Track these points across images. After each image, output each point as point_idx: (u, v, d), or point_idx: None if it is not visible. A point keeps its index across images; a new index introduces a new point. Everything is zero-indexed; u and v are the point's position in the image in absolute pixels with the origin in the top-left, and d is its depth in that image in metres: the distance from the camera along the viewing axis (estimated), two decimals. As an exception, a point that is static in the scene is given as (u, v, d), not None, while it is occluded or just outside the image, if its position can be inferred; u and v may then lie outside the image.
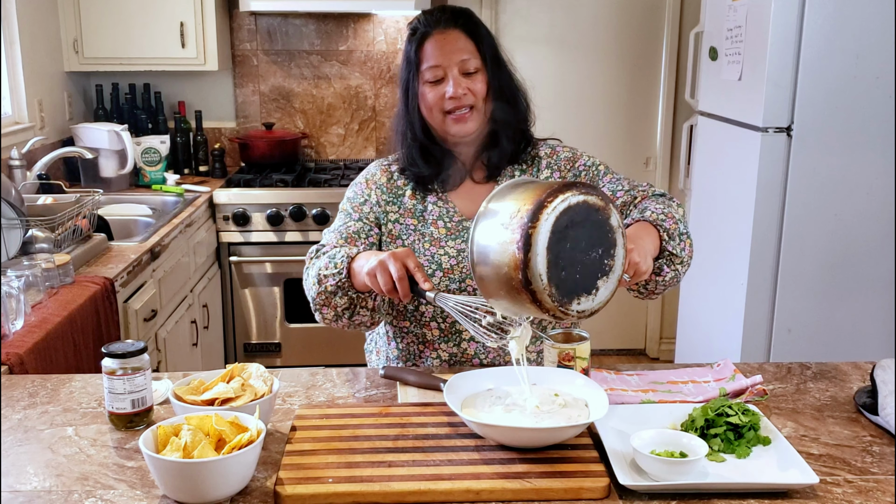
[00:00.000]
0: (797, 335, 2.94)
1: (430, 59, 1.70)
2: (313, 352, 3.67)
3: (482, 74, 1.71)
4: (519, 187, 1.30)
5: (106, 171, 3.48)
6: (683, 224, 1.65)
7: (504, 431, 1.28)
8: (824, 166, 2.82)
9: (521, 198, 1.25)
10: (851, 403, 1.52)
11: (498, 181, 1.78)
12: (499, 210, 1.28)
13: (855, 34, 2.73)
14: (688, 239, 1.64)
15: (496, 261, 1.25)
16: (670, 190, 4.16)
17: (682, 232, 1.63)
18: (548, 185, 1.26)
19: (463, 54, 1.69)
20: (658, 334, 4.37)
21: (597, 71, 4.08)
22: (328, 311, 1.62)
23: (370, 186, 1.81)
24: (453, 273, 1.71)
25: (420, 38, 1.71)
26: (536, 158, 1.81)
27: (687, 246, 1.63)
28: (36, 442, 1.37)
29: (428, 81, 1.71)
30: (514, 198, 1.27)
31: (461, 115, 1.70)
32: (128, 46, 3.59)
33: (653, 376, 1.63)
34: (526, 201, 1.24)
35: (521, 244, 1.21)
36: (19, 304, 1.87)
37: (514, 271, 1.22)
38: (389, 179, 1.81)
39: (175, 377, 1.60)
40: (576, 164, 1.81)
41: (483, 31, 1.74)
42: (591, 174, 1.79)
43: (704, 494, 1.20)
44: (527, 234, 1.20)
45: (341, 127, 4.12)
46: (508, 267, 1.22)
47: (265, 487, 1.23)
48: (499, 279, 1.25)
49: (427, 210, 1.77)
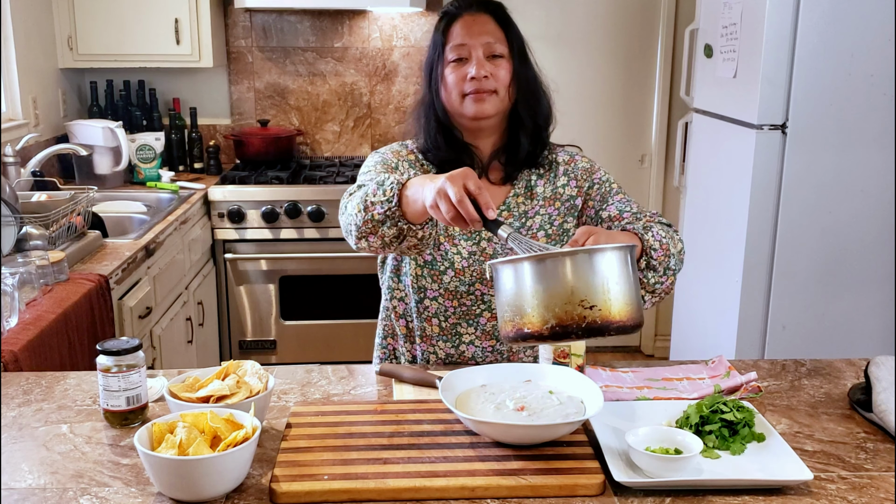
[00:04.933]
0: (792, 332, 2.94)
1: (455, 39, 1.69)
2: (309, 349, 3.67)
3: (507, 62, 1.70)
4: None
5: (100, 168, 3.47)
6: (676, 259, 1.59)
7: (499, 428, 1.28)
8: (819, 164, 2.82)
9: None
10: (846, 400, 1.52)
11: (514, 185, 1.75)
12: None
13: (849, 32, 2.73)
14: (672, 276, 1.58)
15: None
16: (665, 187, 4.17)
17: (670, 267, 1.57)
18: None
19: (490, 37, 1.68)
20: (653, 331, 4.37)
21: (592, 68, 4.08)
22: (374, 240, 1.48)
23: (398, 157, 1.77)
24: (464, 275, 1.70)
25: (449, 19, 1.71)
26: (554, 164, 1.79)
27: (667, 282, 1.58)
28: (30, 439, 1.37)
29: (451, 62, 1.69)
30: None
31: (480, 95, 1.67)
32: (122, 43, 3.58)
33: (648, 373, 1.63)
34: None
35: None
36: (13, 302, 1.87)
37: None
38: (417, 159, 1.78)
39: (170, 374, 1.60)
40: (592, 176, 1.78)
41: (513, 24, 1.74)
42: (602, 190, 1.76)
43: (699, 491, 1.20)
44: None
45: (336, 124, 4.11)
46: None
47: (260, 484, 1.23)
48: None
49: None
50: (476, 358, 1.75)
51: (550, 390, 1.39)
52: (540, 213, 1.74)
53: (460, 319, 1.73)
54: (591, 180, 1.77)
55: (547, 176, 1.77)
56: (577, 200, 1.75)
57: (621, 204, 1.73)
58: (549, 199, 1.75)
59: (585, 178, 1.77)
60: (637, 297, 1.24)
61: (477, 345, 1.74)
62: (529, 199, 1.75)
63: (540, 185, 1.76)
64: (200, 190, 3.48)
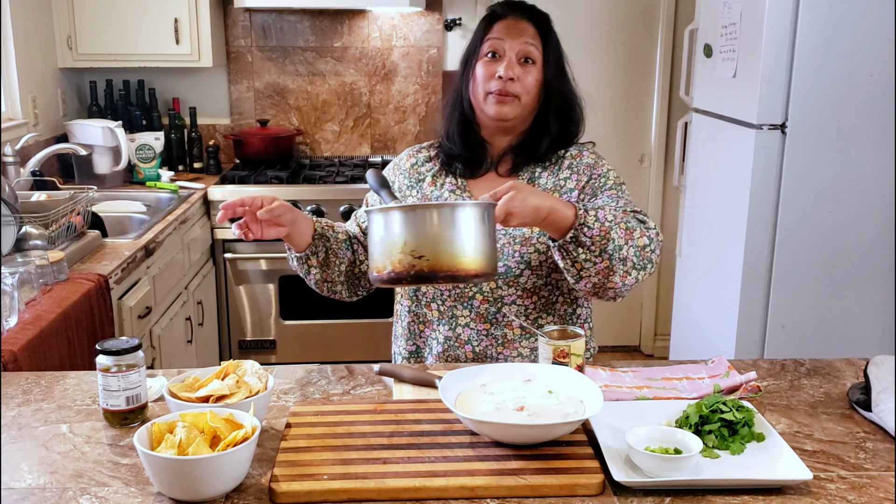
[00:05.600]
0: (791, 332, 2.94)
1: (494, 35, 1.75)
2: (308, 349, 3.67)
3: (537, 70, 1.75)
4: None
5: (100, 167, 3.47)
6: (629, 249, 1.55)
7: (499, 428, 1.28)
8: (818, 163, 2.82)
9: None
10: (845, 400, 1.52)
11: (519, 175, 1.79)
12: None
13: (849, 32, 2.73)
14: (611, 262, 1.53)
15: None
16: (664, 187, 4.17)
17: (607, 251, 1.52)
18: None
19: (527, 41, 1.73)
20: (653, 331, 4.38)
21: (591, 68, 4.08)
22: (320, 276, 1.72)
23: (395, 172, 1.89)
24: None
25: (492, 17, 1.78)
26: (560, 159, 1.81)
27: (601, 264, 1.53)
28: (30, 439, 1.37)
29: (484, 56, 1.75)
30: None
31: (502, 98, 1.73)
32: (122, 42, 3.58)
33: (647, 373, 1.63)
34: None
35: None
36: (13, 301, 1.87)
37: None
38: (413, 165, 1.87)
39: (170, 374, 1.60)
40: (593, 170, 1.78)
41: (553, 37, 1.80)
42: (597, 184, 1.76)
43: (699, 491, 1.20)
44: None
45: (336, 123, 4.11)
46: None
47: (260, 484, 1.23)
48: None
49: (443, 197, 1.80)
50: (471, 341, 1.76)
51: (550, 390, 1.39)
52: None
53: (456, 302, 1.76)
54: (591, 175, 1.78)
55: (551, 169, 1.80)
56: (573, 193, 1.76)
57: (608, 199, 1.72)
58: (549, 190, 1.77)
59: (587, 172, 1.78)
60: (477, 251, 1.34)
61: (472, 327, 1.76)
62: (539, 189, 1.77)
63: (544, 177, 1.79)
64: (200, 190, 3.48)
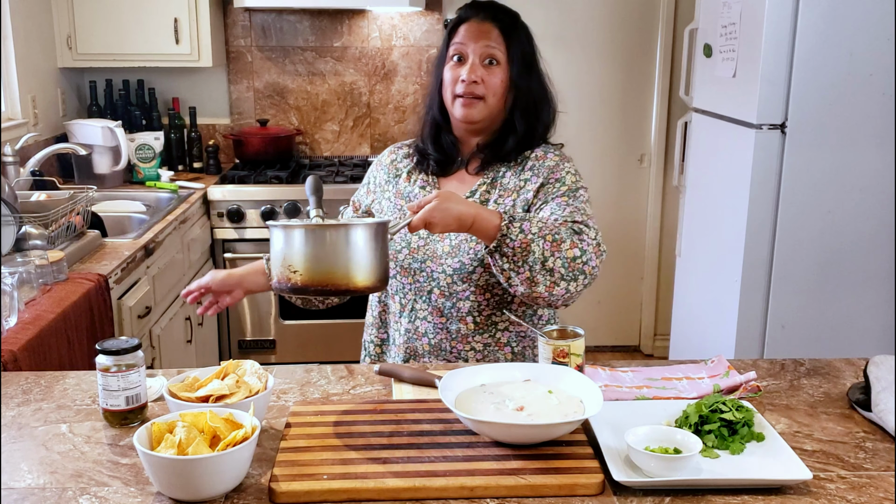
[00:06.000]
0: (791, 332, 2.94)
1: (457, 39, 1.79)
2: (308, 348, 3.67)
3: (502, 71, 1.77)
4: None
5: (100, 167, 3.47)
6: (554, 260, 1.57)
7: (498, 428, 1.28)
8: (818, 163, 2.82)
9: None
10: (845, 399, 1.52)
11: (485, 174, 1.81)
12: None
13: (849, 31, 2.73)
14: (560, 283, 1.58)
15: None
16: (664, 187, 4.17)
17: (528, 263, 1.57)
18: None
19: (490, 43, 1.76)
20: (652, 331, 4.38)
21: (591, 67, 4.08)
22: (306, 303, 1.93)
23: (377, 167, 1.95)
24: (418, 253, 1.79)
25: (457, 21, 1.81)
26: (525, 159, 1.82)
27: (522, 275, 1.58)
28: (30, 439, 1.37)
29: (450, 59, 1.79)
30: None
31: (469, 100, 1.76)
32: (121, 42, 3.58)
33: (647, 373, 1.63)
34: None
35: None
36: (13, 301, 1.87)
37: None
38: (393, 161, 1.92)
39: (169, 374, 1.60)
40: (552, 173, 1.77)
41: (521, 34, 1.82)
42: (551, 189, 1.76)
43: (698, 490, 1.20)
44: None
45: (336, 123, 4.11)
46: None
47: (260, 484, 1.23)
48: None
49: (414, 193, 1.84)
50: (428, 334, 1.79)
51: (550, 390, 1.39)
52: (496, 203, 1.78)
53: (416, 296, 1.80)
54: (548, 178, 1.77)
55: (515, 168, 1.81)
56: (530, 194, 1.77)
57: (556, 207, 1.72)
58: (510, 190, 1.79)
59: (546, 174, 1.78)
60: (349, 268, 1.42)
61: (430, 321, 1.79)
62: (493, 189, 1.80)
63: (508, 176, 1.80)
64: (200, 189, 3.48)
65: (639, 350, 4.42)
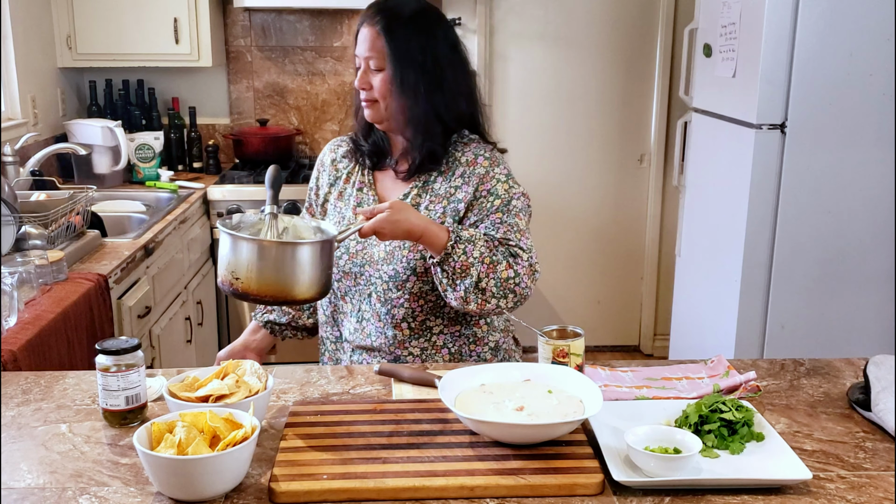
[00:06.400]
0: (791, 331, 2.94)
1: (356, 47, 1.82)
2: (308, 349, 3.65)
3: (385, 74, 1.76)
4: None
5: (99, 167, 3.47)
6: (489, 281, 1.64)
7: (498, 428, 1.28)
8: (818, 163, 2.82)
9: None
10: (844, 399, 1.52)
11: (417, 178, 1.81)
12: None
13: (848, 32, 2.73)
14: (491, 300, 1.65)
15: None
16: (664, 187, 4.17)
17: (465, 281, 1.63)
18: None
19: (370, 52, 1.77)
20: (652, 331, 4.38)
21: (591, 67, 4.08)
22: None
23: (319, 170, 1.97)
24: (356, 257, 1.81)
25: (357, 29, 1.82)
26: (456, 163, 1.79)
27: (459, 291, 1.64)
28: (30, 439, 1.37)
29: (357, 68, 1.83)
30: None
31: (368, 104, 1.80)
32: (121, 42, 3.58)
33: (647, 373, 1.63)
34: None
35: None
36: (13, 301, 1.87)
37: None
38: (333, 161, 1.94)
39: (169, 374, 1.60)
40: (483, 185, 1.76)
41: (400, 33, 1.75)
42: (484, 205, 1.74)
43: (698, 490, 1.20)
44: None
45: (335, 123, 4.11)
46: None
47: (260, 484, 1.23)
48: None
49: (352, 195, 1.87)
50: (371, 336, 1.81)
51: (549, 390, 1.39)
52: (427, 209, 1.78)
53: (361, 298, 1.83)
54: (480, 190, 1.76)
55: (446, 173, 1.80)
56: (461, 205, 1.76)
57: (490, 227, 1.72)
58: (440, 196, 1.78)
59: (476, 184, 1.76)
60: (288, 281, 1.49)
61: (373, 323, 1.81)
62: (424, 194, 1.80)
63: (439, 181, 1.80)
64: (199, 189, 3.48)
65: (639, 350, 4.42)
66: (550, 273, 4.25)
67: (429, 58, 1.76)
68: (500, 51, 4.05)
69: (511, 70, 4.06)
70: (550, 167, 4.15)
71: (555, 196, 4.16)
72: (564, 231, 4.21)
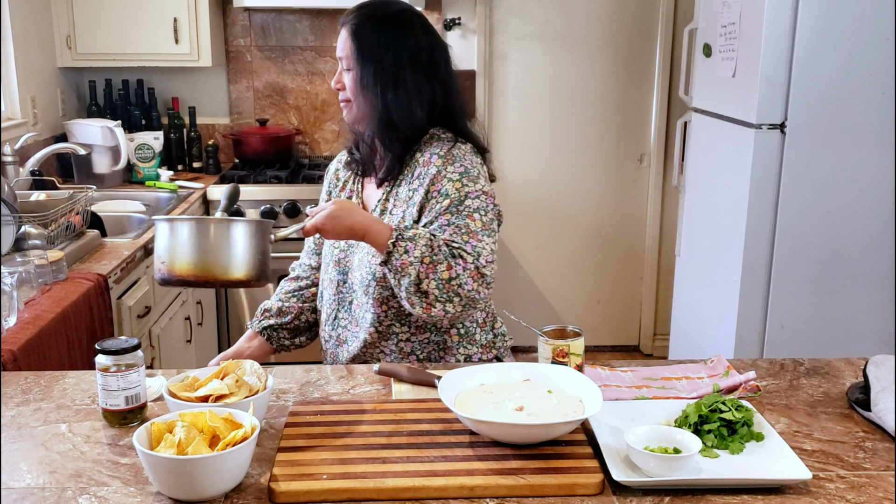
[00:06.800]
0: (790, 331, 2.94)
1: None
2: (308, 349, 3.65)
3: (353, 73, 1.78)
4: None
5: (99, 167, 3.47)
6: (430, 282, 1.59)
7: (498, 427, 1.28)
8: (818, 163, 2.82)
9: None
10: (844, 399, 1.52)
11: (388, 183, 1.81)
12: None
13: (848, 32, 2.73)
14: (436, 305, 1.60)
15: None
16: (664, 187, 4.17)
17: (406, 280, 1.59)
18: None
19: (342, 51, 1.79)
20: (652, 331, 4.38)
21: (590, 67, 4.08)
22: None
23: (325, 180, 2.00)
24: (340, 265, 1.83)
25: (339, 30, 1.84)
26: (415, 164, 1.77)
27: (401, 290, 1.61)
28: (29, 439, 1.37)
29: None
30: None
31: (344, 104, 1.82)
32: (121, 42, 3.58)
33: (647, 372, 1.63)
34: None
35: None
36: (12, 301, 1.87)
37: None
38: (336, 171, 1.97)
39: (169, 374, 1.60)
40: (434, 185, 1.72)
41: (367, 33, 1.75)
42: (434, 205, 1.71)
43: (698, 490, 1.20)
44: None
45: (335, 123, 4.11)
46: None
47: (259, 484, 1.23)
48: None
49: (340, 199, 1.88)
50: (349, 342, 1.83)
51: (549, 390, 1.39)
52: (393, 214, 1.78)
53: (337, 305, 1.85)
54: (431, 191, 1.73)
55: (408, 176, 1.79)
56: (414, 208, 1.74)
57: (437, 229, 1.69)
58: (402, 200, 1.78)
59: (428, 185, 1.73)
60: (208, 261, 1.52)
61: (349, 329, 1.83)
62: (391, 199, 1.80)
63: (403, 185, 1.79)
64: (199, 189, 3.48)
65: (638, 350, 4.42)
66: (550, 273, 4.25)
67: (389, 57, 1.74)
68: (500, 51, 4.05)
69: (511, 70, 4.06)
70: (550, 167, 4.15)
71: (555, 196, 4.16)
72: (564, 231, 4.21)
